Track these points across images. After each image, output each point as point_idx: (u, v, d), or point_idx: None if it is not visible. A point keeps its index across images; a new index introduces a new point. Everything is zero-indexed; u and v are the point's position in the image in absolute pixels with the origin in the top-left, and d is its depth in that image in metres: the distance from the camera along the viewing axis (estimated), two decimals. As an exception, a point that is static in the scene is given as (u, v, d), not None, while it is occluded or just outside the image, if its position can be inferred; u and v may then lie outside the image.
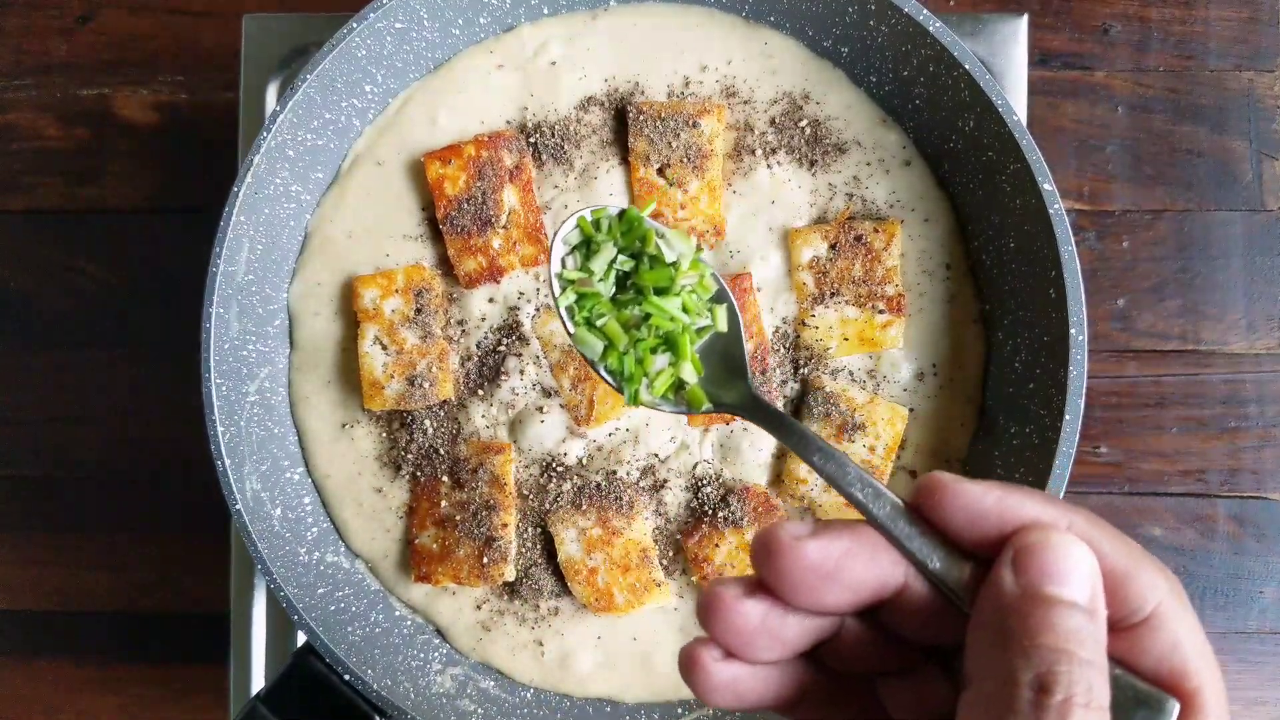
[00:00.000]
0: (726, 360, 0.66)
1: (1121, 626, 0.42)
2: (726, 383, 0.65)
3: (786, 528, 0.43)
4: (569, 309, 0.69)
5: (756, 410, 0.60)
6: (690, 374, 0.66)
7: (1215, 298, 1.10)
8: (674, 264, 0.68)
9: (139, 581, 1.14)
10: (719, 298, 0.69)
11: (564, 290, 0.69)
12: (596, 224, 0.70)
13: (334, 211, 0.97)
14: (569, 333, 0.69)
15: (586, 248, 0.70)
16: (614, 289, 0.70)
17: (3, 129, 1.15)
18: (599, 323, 0.69)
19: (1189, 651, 0.40)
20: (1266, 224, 1.11)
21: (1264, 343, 1.10)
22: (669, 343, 0.67)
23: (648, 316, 0.67)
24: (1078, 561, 0.41)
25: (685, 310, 0.67)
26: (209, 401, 0.88)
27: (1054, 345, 0.87)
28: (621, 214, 0.70)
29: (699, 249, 0.70)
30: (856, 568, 0.43)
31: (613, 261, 0.69)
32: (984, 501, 0.42)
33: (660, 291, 0.67)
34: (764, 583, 0.44)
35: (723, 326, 0.67)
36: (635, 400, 0.67)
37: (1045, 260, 0.87)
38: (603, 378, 0.69)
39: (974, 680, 0.40)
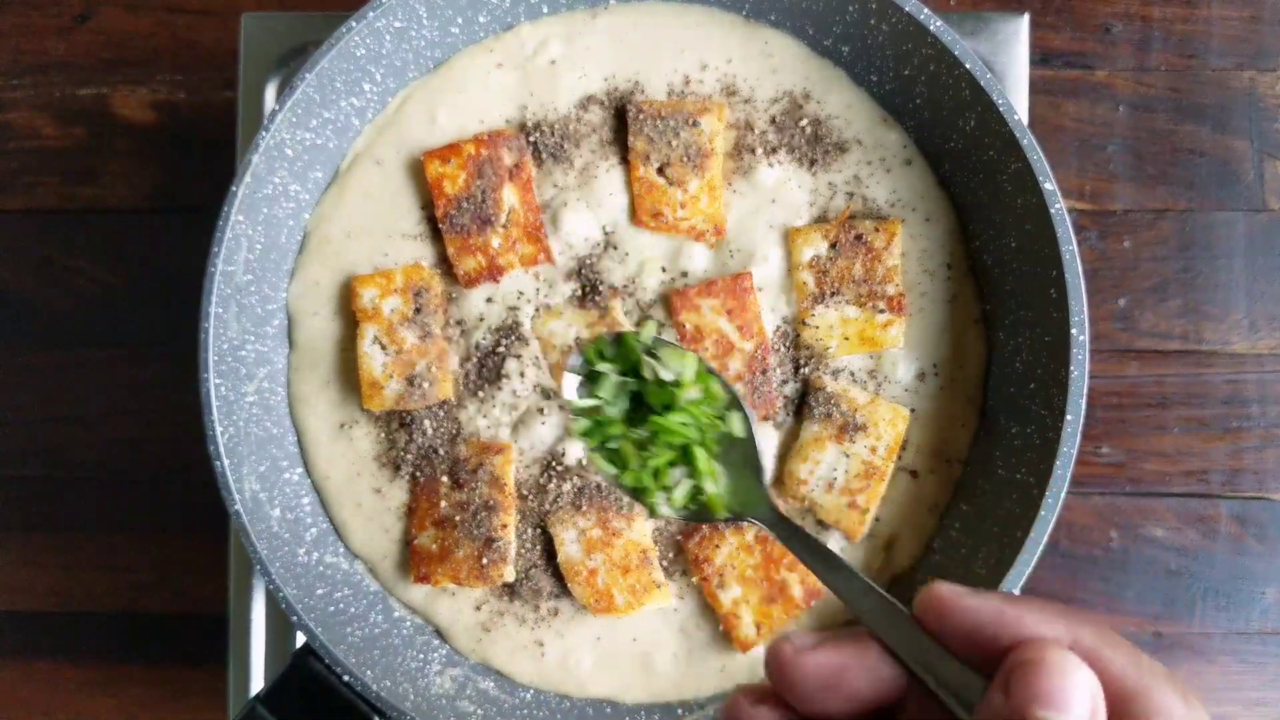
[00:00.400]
0: (746, 467, 0.67)
1: None
2: (746, 490, 0.66)
3: (792, 640, 0.45)
4: (584, 434, 0.70)
5: (776, 523, 0.61)
6: (710, 485, 0.67)
7: (1217, 297, 1.10)
8: (675, 381, 0.68)
9: (138, 582, 1.14)
10: (733, 405, 0.69)
11: (577, 420, 0.70)
12: (600, 353, 0.71)
13: (333, 211, 0.97)
14: (588, 455, 0.70)
15: (593, 375, 0.70)
16: (628, 407, 0.71)
17: (1, 129, 1.15)
18: (611, 445, 0.69)
19: None
20: (1268, 223, 1.10)
21: (1266, 342, 1.10)
22: (685, 455, 0.67)
23: (656, 434, 0.68)
24: (1074, 683, 0.39)
25: (696, 422, 0.67)
26: (207, 402, 0.88)
27: (1055, 345, 0.87)
28: (618, 339, 0.71)
29: (700, 362, 0.71)
30: (856, 679, 0.44)
31: (623, 384, 0.70)
32: (981, 614, 0.42)
33: (667, 408, 0.68)
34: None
35: (739, 433, 0.68)
36: (654, 512, 0.68)
37: (1046, 260, 0.87)
38: (625, 492, 0.69)
39: None
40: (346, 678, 0.88)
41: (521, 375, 0.95)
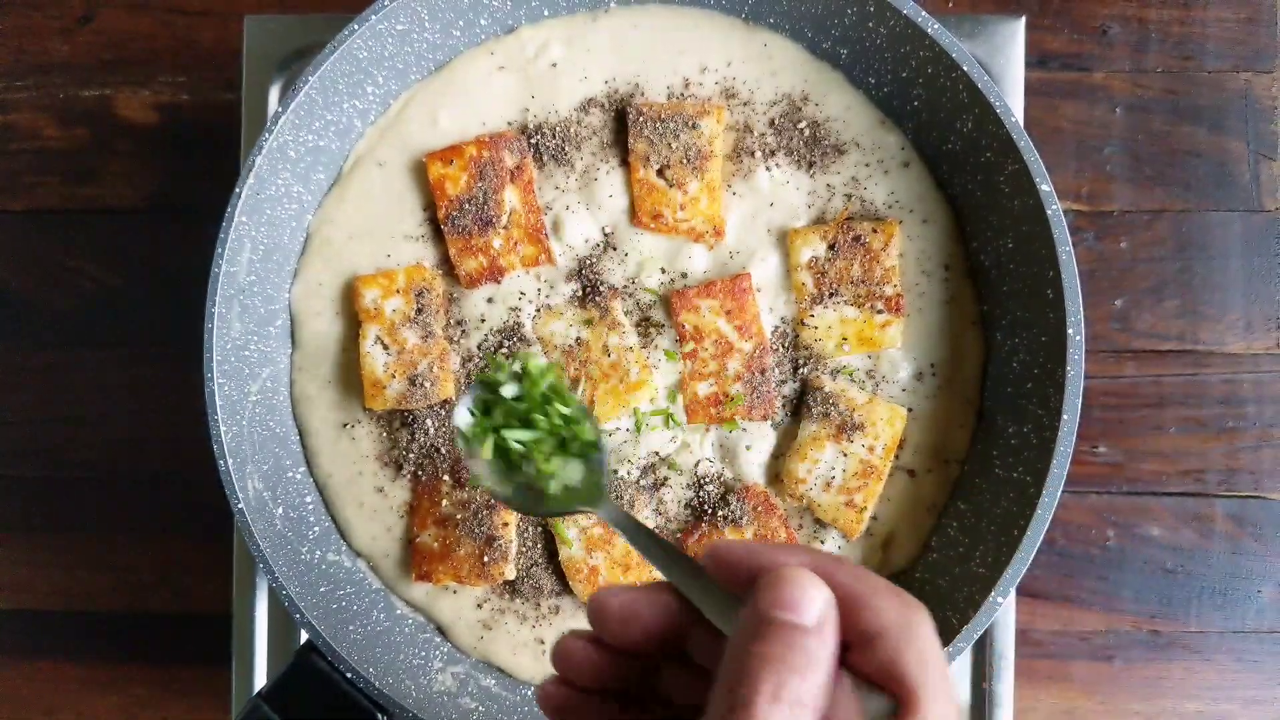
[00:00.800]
0: (596, 469, 0.77)
1: (860, 644, 0.48)
2: (592, 488, 0.76)
3: (603, 589, 0.56)
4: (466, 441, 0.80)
5: (611, 516, 0.69)
6: (552, 484, 0.76)
7: (1213, 298, 1.11)
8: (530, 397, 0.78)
9: (139, 581, 1.14)
10: (584, 415, 0.79)
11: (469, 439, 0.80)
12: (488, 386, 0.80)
13: (335, 212, 0.98)
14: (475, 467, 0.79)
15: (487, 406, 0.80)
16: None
17: (3, 129, 1.15)
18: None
19: (908, 660, 0.46)
20: (1264, 224, 1.11)
21: (1262, 343, 1.11)
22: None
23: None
24: (806, 590, 0.47)
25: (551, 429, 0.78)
26: (211, 401, 0.88)
27: (1052, 345, 0.87)
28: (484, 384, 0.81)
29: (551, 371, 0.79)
30: (648, 612, 0.54)
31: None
32: (736, 552, 0.51)
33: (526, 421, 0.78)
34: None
35: (589, 437, 0.77)
36: (523, 510, 0.78)
37: (1043, 261, 0.87)
38: (501, 499, 0.79)
39: (711, 694, 0.47)
40: (349, 675, 0.88)
41: (522, 375, 0.95)
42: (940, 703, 0.47)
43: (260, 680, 1.01)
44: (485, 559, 0.93)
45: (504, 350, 0.96)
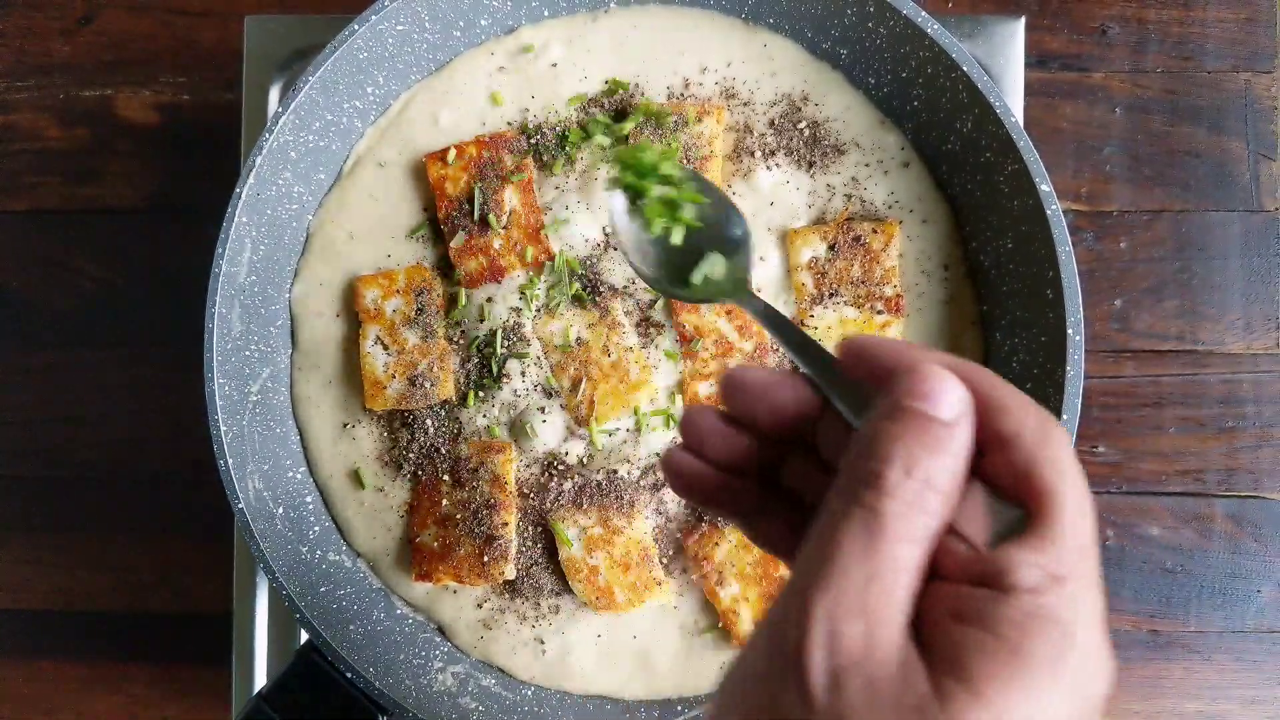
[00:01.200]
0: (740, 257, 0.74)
1: (995, 448, 0.46)
2: (734, 281, 0.73)
3: (739, 366, 0.55)
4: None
5: (748, 301, 0.66)
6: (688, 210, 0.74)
7: (1213, 298, 1.11)
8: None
9: (140, 581, 1.14)
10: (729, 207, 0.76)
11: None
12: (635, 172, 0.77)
13: (336, 212, 0.98)
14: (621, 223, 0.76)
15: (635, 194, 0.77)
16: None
17: (4, 130, 1.15)
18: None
19: (1044, 466, 0.44)
20: (1264, 225, 1.11)
21: (1261, 343, 1.11)
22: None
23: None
24: (944, 386, 0.46)
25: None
26: (211, 401, 0.88)
27: (1052, 345, 0.87)
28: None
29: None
30: (780, 392, 0.53)
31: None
32: (883, 349, 0.50)
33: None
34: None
35: (738, 232, 0.74)
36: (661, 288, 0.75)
37: (1043, 261, 0.87)
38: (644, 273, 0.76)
39: (840, 469, 0.46)
40: (349, 675, 0.88)
41: (523, 375, 0.95)
42: (1077, 512, 0.44)
43: (260, 680, 1.01)
44: (485, 558, 0.93)
45: (504, 348, 0.96)
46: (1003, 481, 0.46)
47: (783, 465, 0.56)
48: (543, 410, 0.95)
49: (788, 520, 0.55)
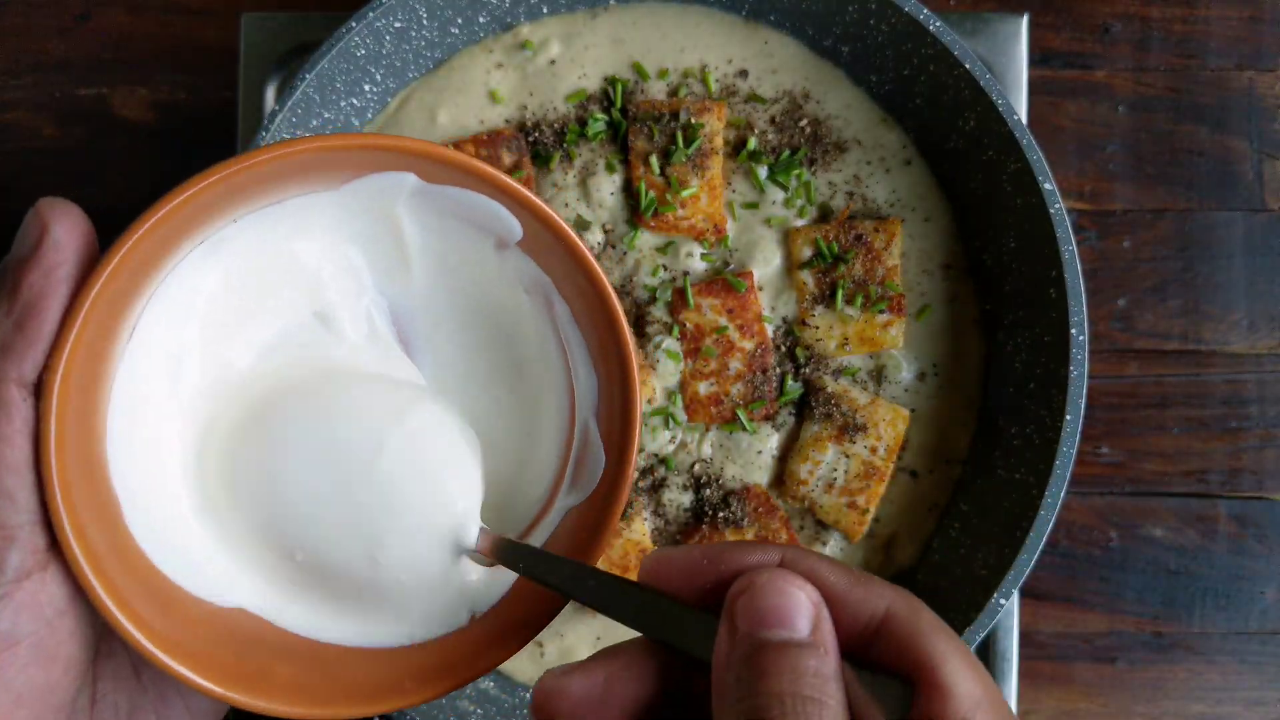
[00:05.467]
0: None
1: (862, 634, 0.42)
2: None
3: (547, 676, 0.46)
4: None
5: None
6: None
7: (1216, 297, 1.10)
8: None
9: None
10: None
11: None
12: None
13: (333, 211, 0.97)
14: None
15: None
16: None
17: (1, 128, 1.15)
18: None
19: (923, 633, 0.41)
20: (1267, 223, 1.10)
21: (1265, 342, 1.10)
22: None
23: None
24: (792, 596, 0.41)
25: None
26: (207, 401, 0.88)
27: (1055, 345, 0.87)
28: None
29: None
30: (622, 688, 0.45)
31: None
32: (691, 558, 0.44)
33: None
34: None
35: None
36: None
37: (1046, 260, 0.87)
38: None
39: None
40: (346, 677, 0.88)
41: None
42: (968, 674, 0.41)
43: (258, 682, 1.00)
44: (484, 560, 0.93)
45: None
46: (884, 659, 0.42)
47: None
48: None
49: None
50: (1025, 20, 1.01)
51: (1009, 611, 1.00)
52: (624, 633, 0.95)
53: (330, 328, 0.65)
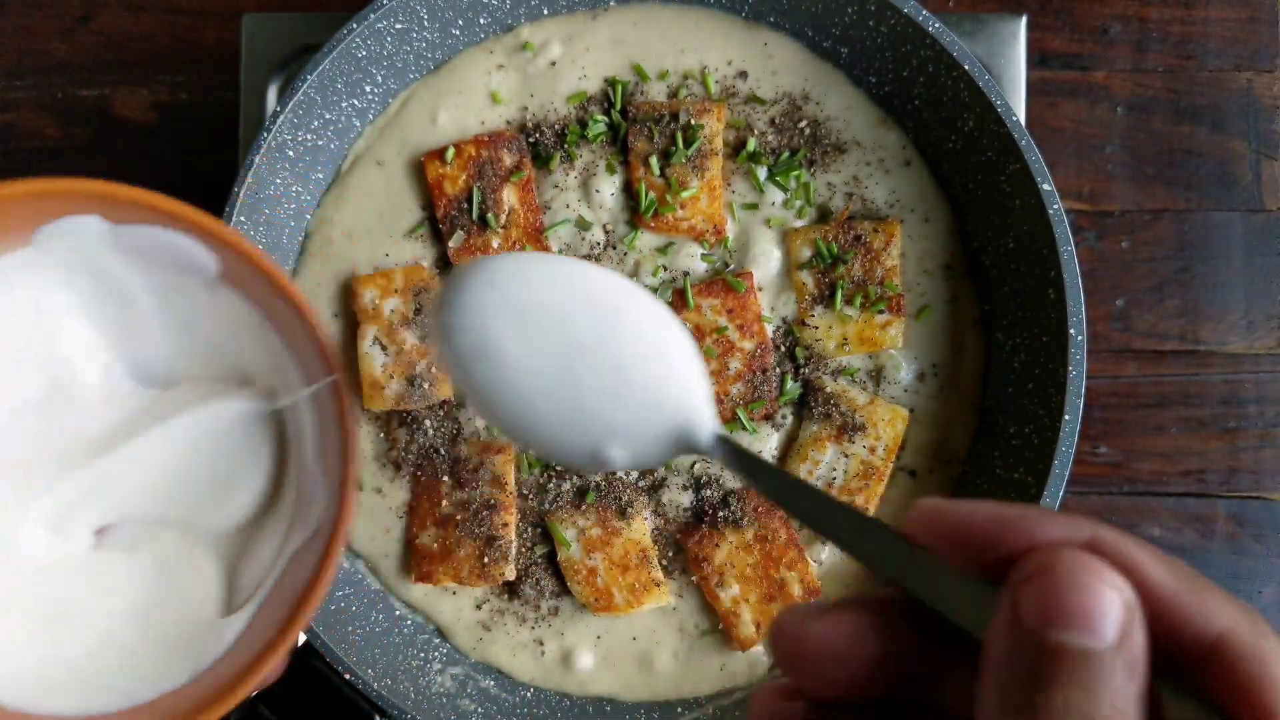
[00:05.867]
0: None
1: (1187, 656, 0.34)
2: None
3: (787, 615, 0.39)
4: None
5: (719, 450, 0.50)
6: None
7: (1215, 297, 1.10)
8: None
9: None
10: None
11: None
12: None
13: (334, 211, 0.97)
14: None
15: None
16: None
17: (3, 128, 1.15)
18: None
19: (1268, 671, 0.32)
20: (1266, 224, 1.11)
21: (1263, 342, 1.10)
22: None
23: None
24: (1099, 595, 0.32)
25: None
26: (209, 401, 0.88)
27: (1053, 345, 0.87)
28: None
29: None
30: (870, 644, 0.37)
31: None
32: (976, 517, 0.35)
33: None
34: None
35: None
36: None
37: (1044, 260, 0.87)
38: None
39: None
40: (347, 676, 0.88)
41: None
42: None
43: (259, 681, 1.00)
44: (485, 559, 0.93)
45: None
46: (1198, 682, 0.34)
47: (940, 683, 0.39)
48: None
49: None
50: (1024, 21, 1.01)
51: (1008, 611, 1.00)
52: (624, 632, 0.95)
53: (70, 395, 0.61)
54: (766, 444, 0.96)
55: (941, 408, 0.96)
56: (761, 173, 0.96)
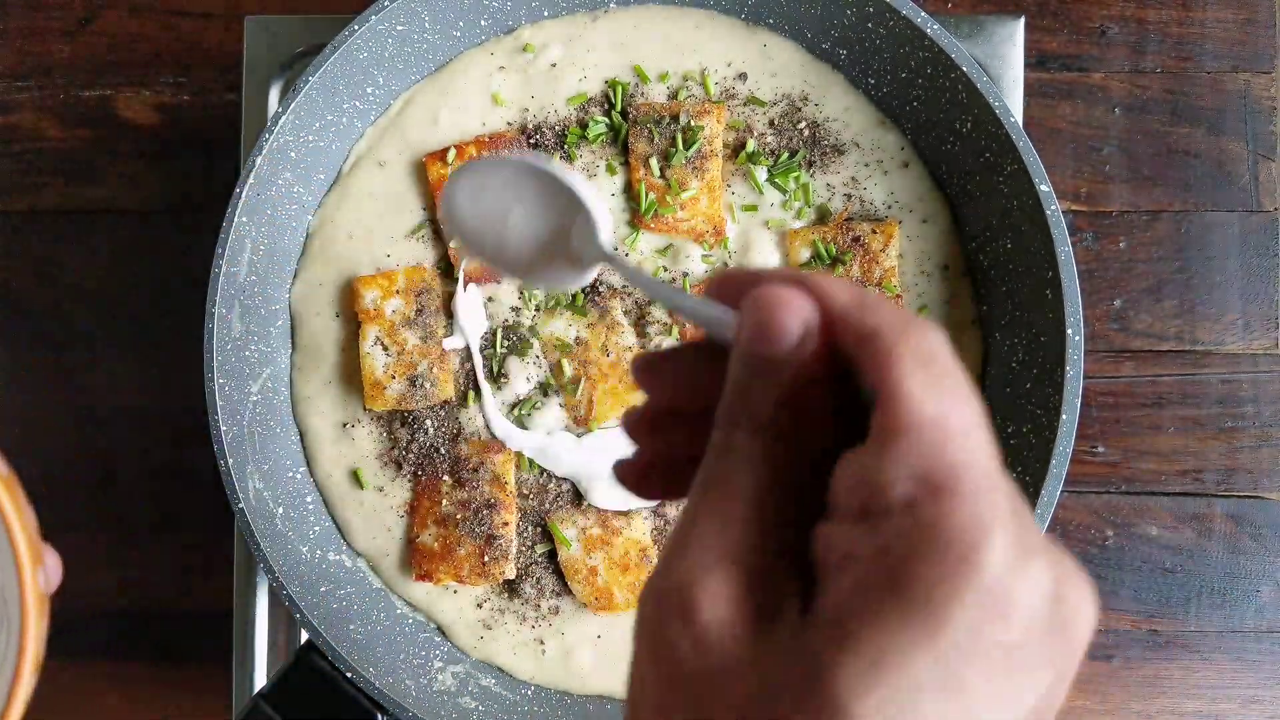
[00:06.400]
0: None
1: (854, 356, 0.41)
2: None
3: (640, 355, 0.52)
4: None
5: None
6: None
7: (1212, 298, 1.11)
8: None
9: (140, 580, 1.14)
10: None
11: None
12: None
13: (335, 212, 0.98)
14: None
15: None
16: None
17: (4, 130, 1.15)
18: None
19: (896, 359, 0.39)
20: (1263, 225, 1.11)
21: (1260, 343, 1.11)
22: None
23: None
24: (780, 313, 0.40)
25: None
26: (212, 402, 0.88)
27: (1051, 346, 0.87)
28: None
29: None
30: (704, 361, 0.47)
31: None
32: (739, 276, 0.45)
33: None
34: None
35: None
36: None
37: (1042, 261, 0.87)
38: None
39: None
40: (349, 674, 0.88)
41: (527, 379, 0.96)
42: (926, 401, 0.37)
43: (260, 680, 1.01)
44: (486, 558, 0.93)
45: (504, 348, 0.96)
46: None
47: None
48: (541, 410, 0.95)
49: None
50: (1021, 23, 1.02)
51: (1006, 610, 1.00)
52: (624, 632, 0.96)
53: None
54: (766, 444, 0.96)
55: (940, 408, 0.96)
56: (761, 174, 0.96)
